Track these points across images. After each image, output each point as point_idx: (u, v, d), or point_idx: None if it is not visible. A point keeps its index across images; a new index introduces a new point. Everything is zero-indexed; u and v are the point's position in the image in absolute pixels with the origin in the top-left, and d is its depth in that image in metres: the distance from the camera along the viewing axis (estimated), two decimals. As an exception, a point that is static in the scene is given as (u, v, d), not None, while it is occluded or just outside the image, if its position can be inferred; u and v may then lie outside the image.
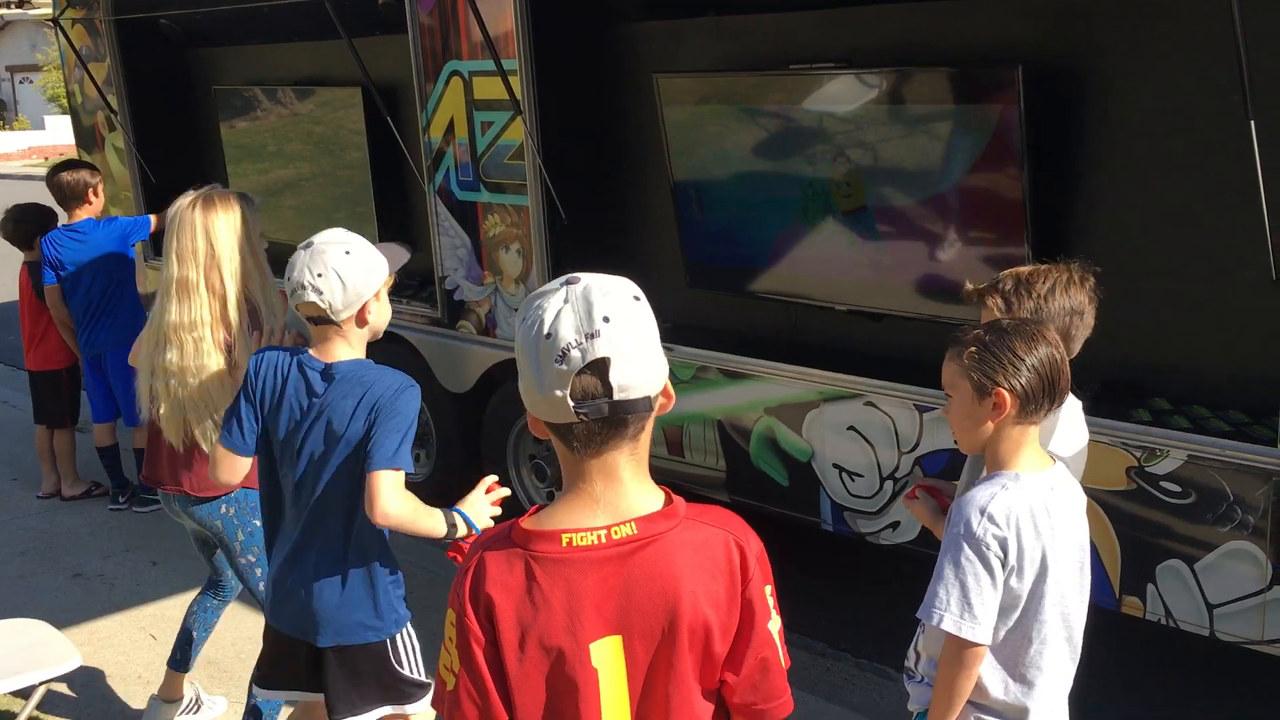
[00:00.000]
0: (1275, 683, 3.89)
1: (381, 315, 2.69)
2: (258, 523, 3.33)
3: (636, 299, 1.56)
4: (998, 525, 2.09)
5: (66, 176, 5.47)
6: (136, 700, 3.99)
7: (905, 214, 4.01)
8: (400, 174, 5.56)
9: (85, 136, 7.30)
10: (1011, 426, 2.16)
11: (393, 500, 2.53)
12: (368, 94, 5.46)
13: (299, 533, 2.69)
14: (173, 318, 3.15)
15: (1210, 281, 3.54)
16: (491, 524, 2.66)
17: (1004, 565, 2.10)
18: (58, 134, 28.91)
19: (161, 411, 3.23)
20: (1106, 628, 3.92)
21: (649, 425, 1.58)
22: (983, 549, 2.09)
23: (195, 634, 3.74)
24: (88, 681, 4.11)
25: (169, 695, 3.78)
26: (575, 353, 1.48)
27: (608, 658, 1.55)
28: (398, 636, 2.77)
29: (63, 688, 4.00)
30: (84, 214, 5.49)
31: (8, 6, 27.95)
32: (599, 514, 1.55)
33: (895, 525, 4.03)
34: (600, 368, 1.49)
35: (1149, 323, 3.69)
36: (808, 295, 4.35)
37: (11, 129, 34.71)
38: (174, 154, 6.88)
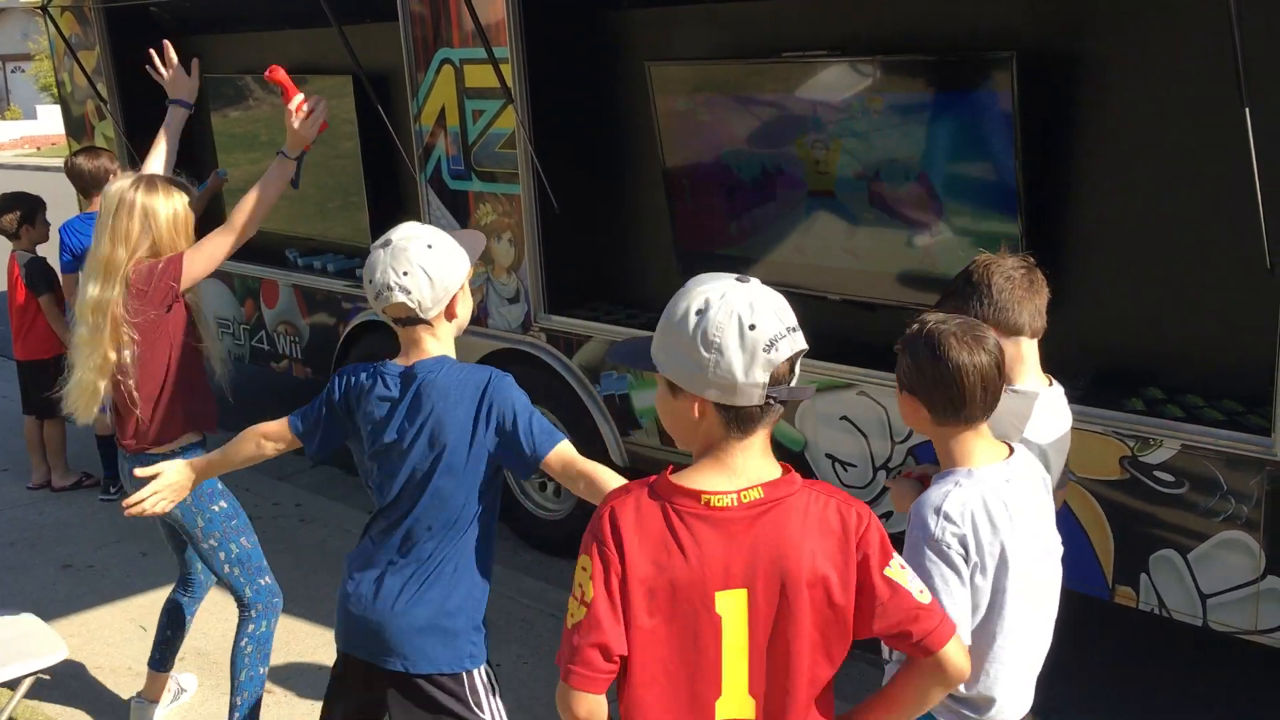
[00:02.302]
0: (1267, 673, 3.89)
1: (467, 307, 2.58)
2: (216, 507, 3.36)
3: None
4: (954, 523, 2.04)
5: (87, 164, 5.38)
6: (126, 691, 3.97)
7: (899, 203, 4.00)
8: (392, 163, 5.53)
9: (75, 126, 7.25)
10: (935, 429, 2.13)
11: (582, 464, 2.44)
12: (359, 82, 5.43)
13: (396, 548, 2.53)
14: (96, 296, 3.18)
15: (1204, 270, 3.53)
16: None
17: (967, 562, 2.05)
18: (49, 123, 28.80)
19: (72, 382, 3.26)
20: (1099, 618, 3.92)
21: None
22: (943, 549, 2.04)
23: (171, 633, 3.74)
24: (77, 673, 4.10)
25: (152, 696, 3.79)
26: (784, 343, 1.66)
27: (732, 608, 1.71)
28: (477, 673, 2.59)
29: (52, 679, 3.99)
30: None
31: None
32: (734, 480, 1.72)
33: (888, 515, 4.02)
34: (796, 358, 1.70)
35: (1143, 312, 3.68)
36: (800, 284, 4.32)
37: (3, 118, 34.58)
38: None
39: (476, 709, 2.57)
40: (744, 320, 1.65)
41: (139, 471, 2.91)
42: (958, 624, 2.03)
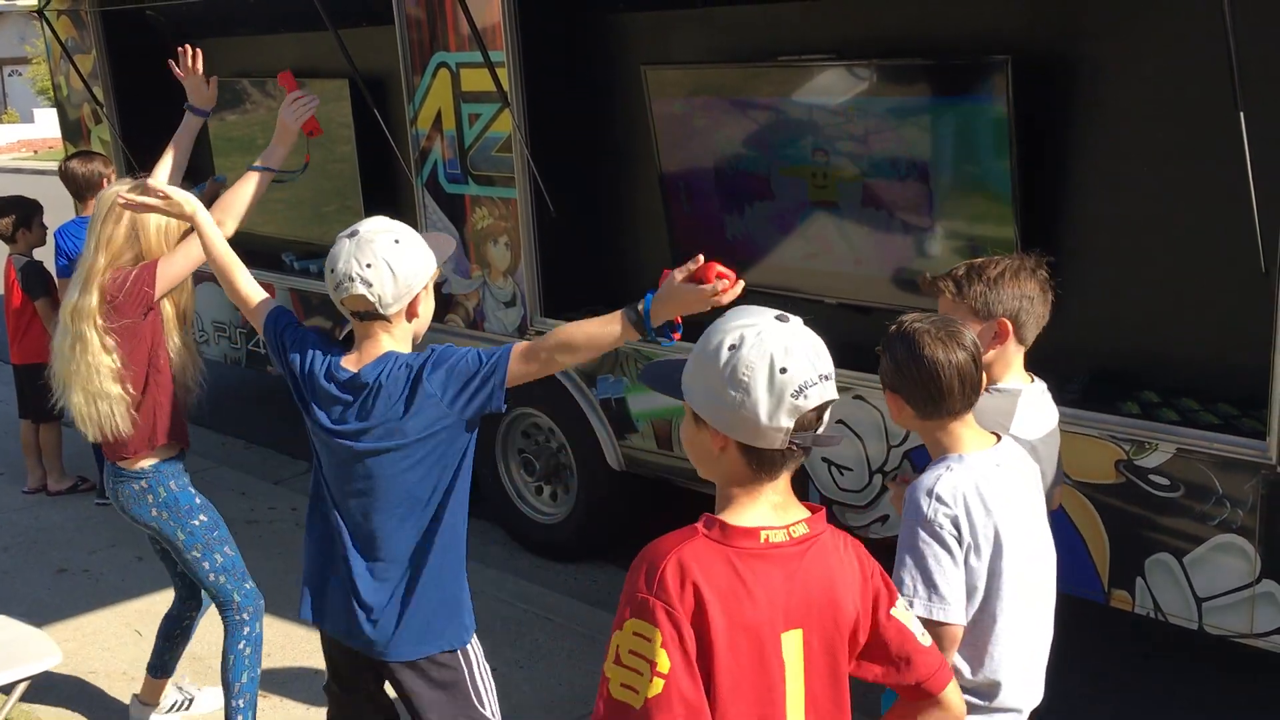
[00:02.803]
0: (1262, 676, 3.88)
1: (429, 308, 2.52)
2: (196, 521, 3.35)
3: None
4: (946, 504, 2.11)
5: (80, 167, 5.37)
6: (122, 696, 3.96)
7: (894, 206, 4.00)
8: (388, 167, 5.53)
9: (71, 129, 7.25)
10: (920, 423, 2.19)
11: (540, 340, 2.40)
12: (355, 86, 5.43)
13: (363, 544, 2.52)
14: (75, 302, 3.17)
15: (1199, 273, 3.53)
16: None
17: (960, 543, 2.11)
18: (47, 127, 28.76)
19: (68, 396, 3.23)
20: (1097, 621, 3.92)
21: None
22: (936, 529, 2.10)
23: (177, 643, 3.75)
24: (72, 678, 4.09)
25: (149, 699, 3.79)
26: (814, 390, 1.61)
27: (792, 650, 1.66)
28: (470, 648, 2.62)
29: (47, 684, 3.98)
30: None
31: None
32: (776, 516, 1.68)
33: (884, 519, 4.02)
34: (825, 408, 1.64)
35: (1138, 315, 3.68)
36: (796, 288, 4.33)
37: (1, 122, 34.55)
38: (161, 147, 6.73)
39: (472, 681, 2.60)
40: (776, 362, 1.59)
41: (152, 183, 2.92)
42: (952, 603, 2.10)
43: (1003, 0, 3.78)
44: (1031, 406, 2.42)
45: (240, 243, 3.52)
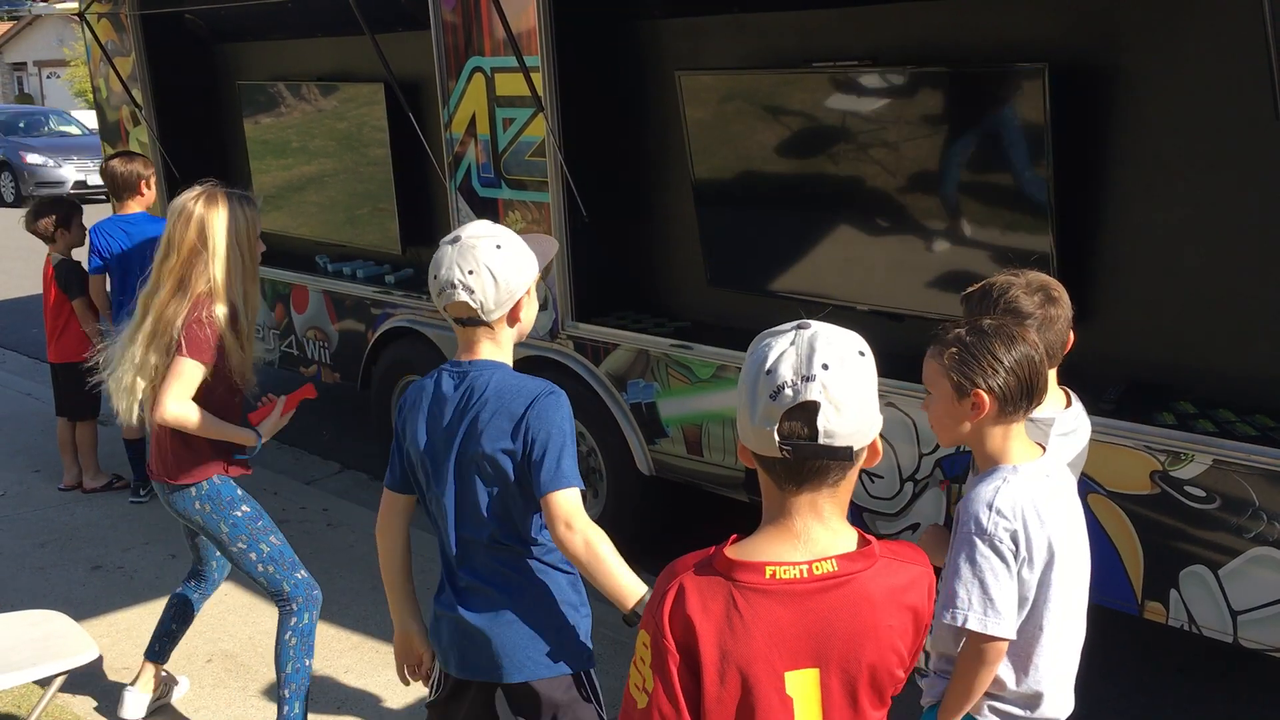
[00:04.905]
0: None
1: (531, 313, 2.46)
2: (239, 512, 3.40)
3: (861, 353, 1.64)
4: (1006, 518, 2.12)
5: (120, 167, 5.42)
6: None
7: (928, 214, 3.99)
8: (422, 170, 5.56)
9: (110, 131, 7.34)
10: (992, 425, 2.19)
11: (581, 520, 2.35)
12: (390, 90, 5.47)
13: (459, 561, 2.47)
14: (147, 290, 3.28)
15: (1236, 284, 3.50)
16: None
17: (1016, 556, 2.12)
18: (84, 129, 29.07)
19: (123, 380, 3.30)
20: (1128, 632, 3.89)
21: (852, 474, 1.65)
22: (996, 543, 2.11)
23: (175, 626, 3.81)
24: (106, 673, 4.13)
25: (145, 687, 3.85)
26: (789, 391, 1.57)
27: (803, 688, 1.62)
28: (583, 675, 2.54)
29: (81, 679, 4.02)
30: (136, 206, 5.43)
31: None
32: (799, 549, 1.62)
33: (915, 527, 4.01)
34: (809, 410, 1.56)
35: (1174, 325, 3.65)
36: (828, 294, 4.32)
37: (38, 123, 34.91)
38: (198, 149, 6.91)
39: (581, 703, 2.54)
40: (765, 364, 1.59)
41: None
42: (1006, 617, 2.11)
43: (1040, 8, 3.77)
44: (1062, 435, 2.41)
45: (275, 245, 3.58)
